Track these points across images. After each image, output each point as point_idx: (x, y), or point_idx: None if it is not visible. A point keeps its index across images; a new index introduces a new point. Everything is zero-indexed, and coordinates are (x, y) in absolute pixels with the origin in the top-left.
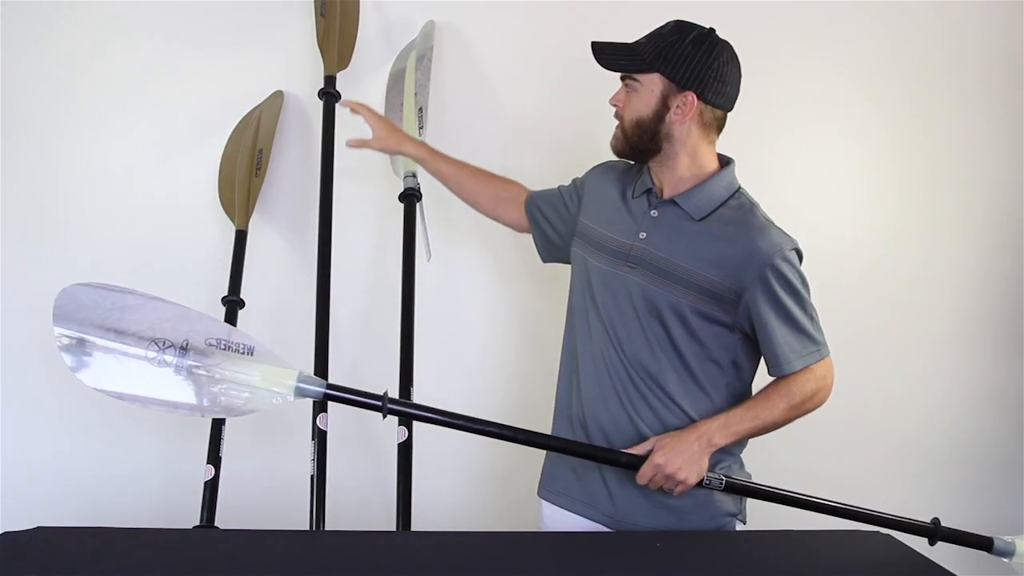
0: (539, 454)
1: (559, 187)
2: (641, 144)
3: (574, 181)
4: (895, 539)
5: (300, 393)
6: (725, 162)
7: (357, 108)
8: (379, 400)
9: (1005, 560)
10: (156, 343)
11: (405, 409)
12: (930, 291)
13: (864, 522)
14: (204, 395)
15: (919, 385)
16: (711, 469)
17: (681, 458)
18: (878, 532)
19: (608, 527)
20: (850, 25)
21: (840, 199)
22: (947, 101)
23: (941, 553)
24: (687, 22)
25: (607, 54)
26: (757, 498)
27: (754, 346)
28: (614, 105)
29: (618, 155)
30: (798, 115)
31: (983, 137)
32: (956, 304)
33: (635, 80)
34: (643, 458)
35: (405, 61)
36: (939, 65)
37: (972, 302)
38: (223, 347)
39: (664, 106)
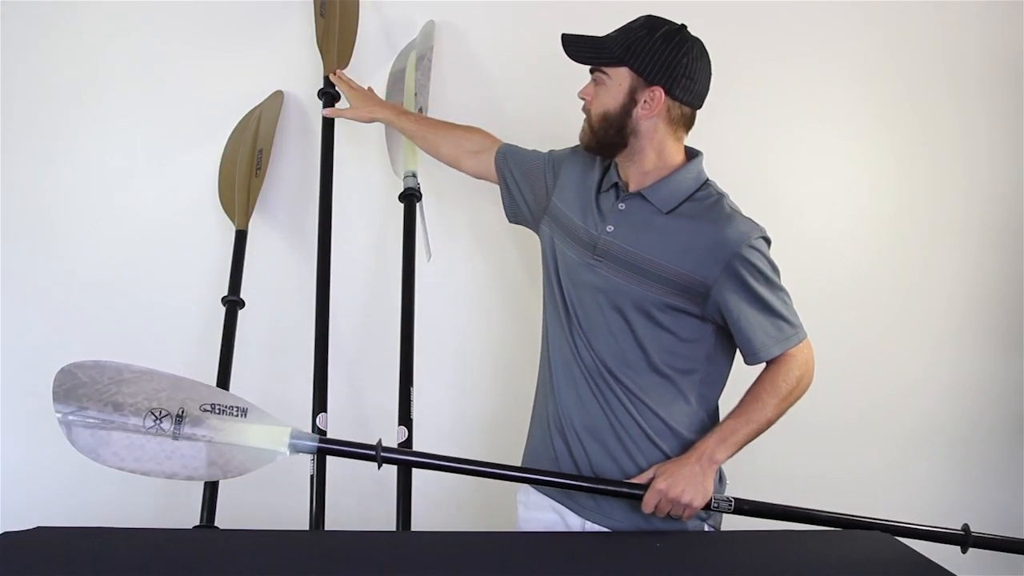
0: None
1: (534, 153)
2: (607, 138)
3: (551, 155)
4: (895, 539)
5: (295, 449)
6: (692, 155)
7: (335, 79)
8: (372, 450)
9: None
10: (153, 413)
11: (399, 457)
12: (931, 291)
13: (889, 533)
14: (202, 460)
15: (920, 385)
16: None
17: (684, 481)
18: (878, 532)
19: (578, 515)
20: (849, 25)
21: (840, 199)
22: (947, 101)
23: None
24: (658, 17)
25: (576, 47)
26: (774, 518)
27: (729, 340)
28: (582, 98)
29: (586, 149)
30: (797, 115)
31: (983, 137)
32: (956, 303)
33: (603, 73)
34: (645, 487)
35: (405, 61)
36: (939, 65)
37: (972, 301)
38: (217, 411)
39: (631, 100)
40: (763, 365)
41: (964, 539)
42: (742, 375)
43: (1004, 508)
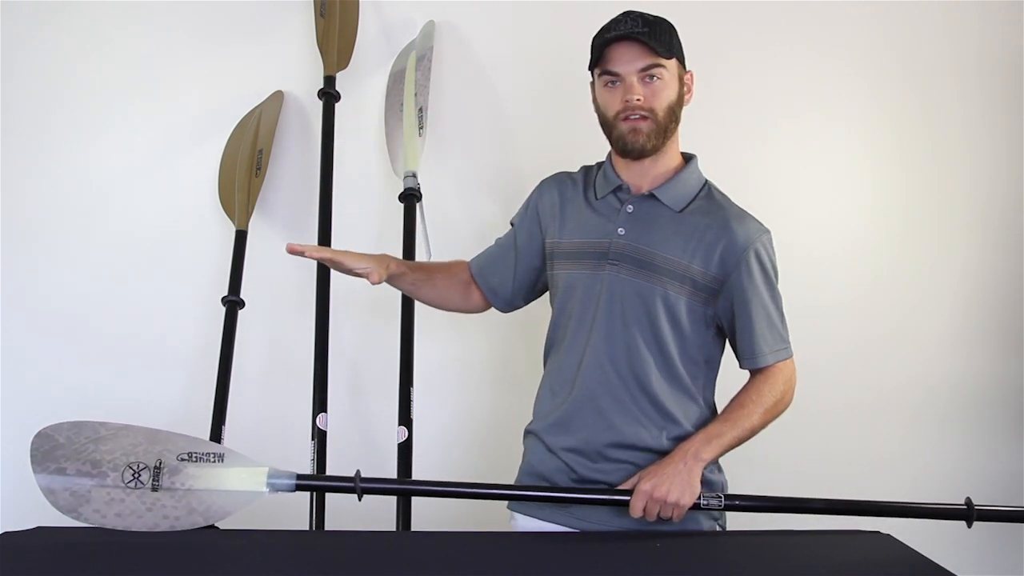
0: None
1: (499, 241)
2: (671, 131)
3: (515, 221)
4: (896, 540)
5: (273, 488)
6: (687, 157)
7: (330, 258)
8: (351, 482)
9: None
10: (131, 467)
11: (380, 486)
12: (934, 289)
13: (890, 515)
14: (183, 508)
15: (921, 384)
16: None
17: (669, 480)
18: (879, 532)
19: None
20: (851, 23)
21: (841, 197)
22: (950, 100)
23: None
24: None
25: (649, 41)
26: (768, 511)
27: (720, 345)
28: (637, 101)
29: (648, 151)
30: (799, 113)
31: (985, 136)
32: (959, 302)
33: (662, 67)
34: (631, 492)
35: (405, 61)
36: (942, 63)
37: (975, 300)
38: (194, 459)
39: (682, 87)
40: (745, 377)
41: (968, 513)
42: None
43: (1006, 481)
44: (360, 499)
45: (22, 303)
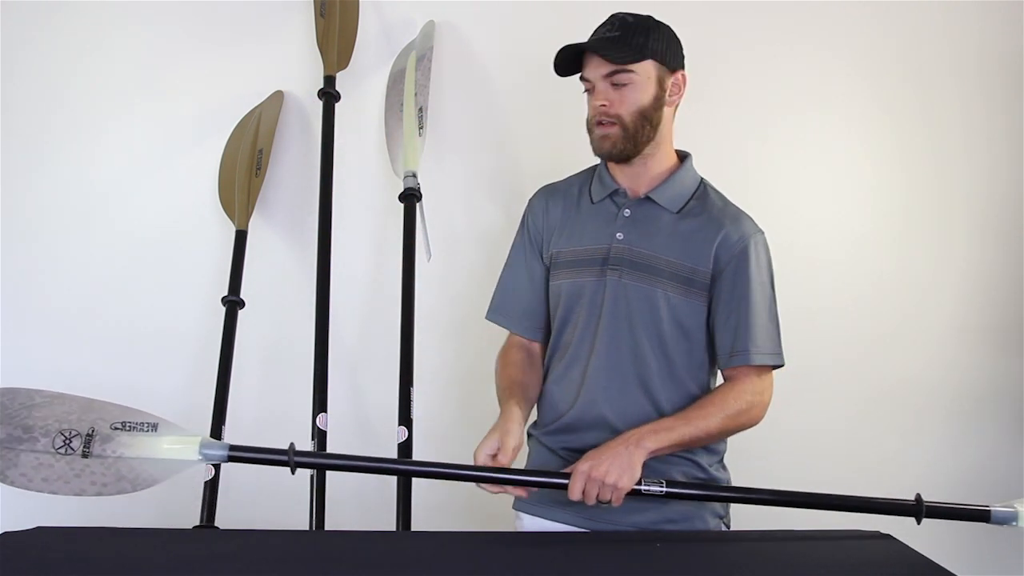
0: None
1: (512, 285)
2: (642, 136)
3: (521, 245)
4: (897, 540)
5: (206, 458)
6: (682, 156)
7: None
8: (285, 455)
9: (1012, 525)
10: (63, 434)
11: (313, 460)
12: (934, 289)
13: (840, 509)
14: (111, 475)
15: (921, 383)
16: (702, 470)
17: (608, 462)
18: (879, 533)
19: (591, 531)
20: (851, 23)
21: (841, 197)
22: (950, 100)
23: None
24: (628, 12)
25: (602, 51)
26: (713, 500)
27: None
28: (602, 107)
29: (617, 157)
30: (799, 113)
31: (985, 136)
32: (959, 302)
33: (630, 72)
34: (570, 475)
35: (405, 61)
36: (942, 63)
37: (975, 300)
38: (127, 428)
39: (661, 90)
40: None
41: (917, 509)
42: None
43: (1008, 480)
44: (293, 472)
45: (22, 303)
